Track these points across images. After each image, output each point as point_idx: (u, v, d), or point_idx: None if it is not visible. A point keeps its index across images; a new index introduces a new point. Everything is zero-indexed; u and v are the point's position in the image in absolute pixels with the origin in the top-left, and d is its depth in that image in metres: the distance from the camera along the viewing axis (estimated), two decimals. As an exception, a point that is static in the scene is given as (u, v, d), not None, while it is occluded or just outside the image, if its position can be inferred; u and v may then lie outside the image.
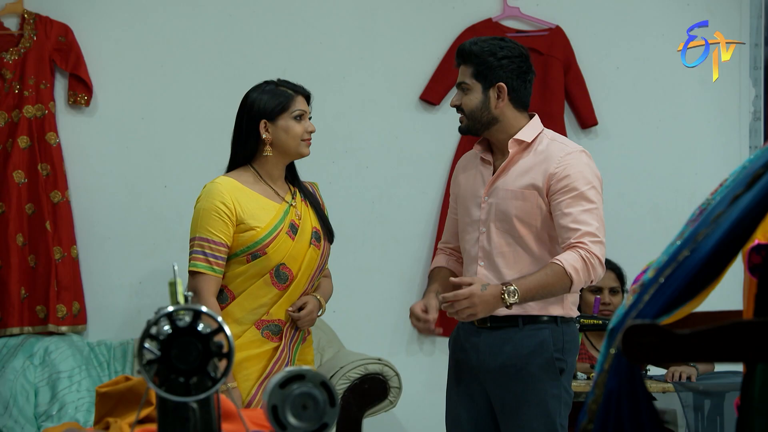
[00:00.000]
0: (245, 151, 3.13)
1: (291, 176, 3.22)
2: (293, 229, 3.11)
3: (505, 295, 2.77)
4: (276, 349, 3.09)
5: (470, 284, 2.79)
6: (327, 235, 3.20)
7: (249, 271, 3.08)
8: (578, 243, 2.85)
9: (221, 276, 3.06)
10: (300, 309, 3.11)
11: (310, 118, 3.15)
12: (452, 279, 2.84)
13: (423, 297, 3.08)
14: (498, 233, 2.99)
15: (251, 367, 3.06)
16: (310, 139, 3.13)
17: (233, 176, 3.12)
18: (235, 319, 3.06)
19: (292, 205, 3.14)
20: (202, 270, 3.03)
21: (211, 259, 3.04)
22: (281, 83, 3.15)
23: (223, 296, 3.10)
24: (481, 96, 2.98)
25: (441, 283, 3.09)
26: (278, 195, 3.14)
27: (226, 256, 3.06)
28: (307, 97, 3.16)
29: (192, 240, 3.08)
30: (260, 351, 3.08)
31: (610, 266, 4.27)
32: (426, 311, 2.95)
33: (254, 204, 3.08)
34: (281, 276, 3.09)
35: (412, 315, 2.97)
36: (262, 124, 3.09)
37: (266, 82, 3.16)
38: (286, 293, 3.10)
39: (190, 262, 3.06)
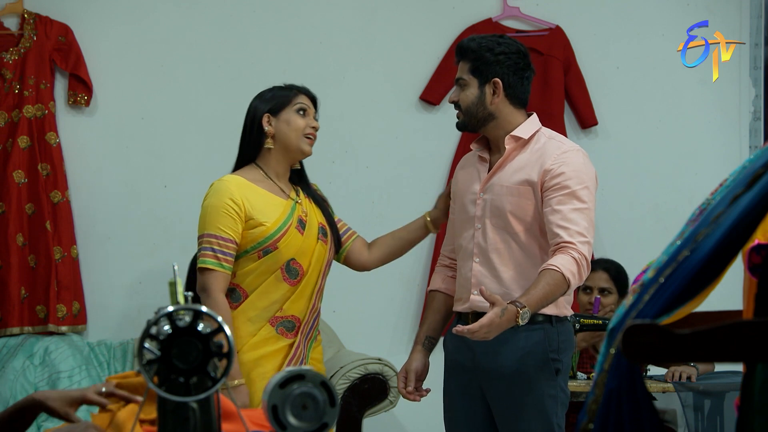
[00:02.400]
0: (250, 147, 3.15)
1: (298, 178, 3.23)
2: (301, 224, 3.13)
3: (519, 318, 2.76)
4: (291, 345, 3.08)
5: (493, 303, 2.75)
6: (332, 229, 3.21)
7: (260, 268, 3.07)
8: (569, 244, 2.84)
9: (230, 273, 3.06)
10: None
11: (316, 120, 3.18)
12: (483, 292, 2.81)
13: (412, 350, 3.13)
14: (493, 229, 2.99)
15: (267, 365, 3.04)
16: (314, 136, 3.15)
17: (240, 174, 3.14)
18: (249, 318, 3.06)
19: (297, 201, 3.16)
20: (210, 266, 3.03)
21: (219, 255, 3.04)
22: (288, 85, 3.20)
23: (236, 295, 3.09)
24: (477, 91, 2.98)
25: (434, 317, 3.15)
26: (284, 192, 3.15)
27: (235, 253, 3.06)
28: (313, 99, 3.20)
29: (200, 237, 3.07)
30: (275, 348, 3.06)
31: (606, 266, 4.25)
32: (407, 378, 3.08)
33: (262, 200, 3.10)
34: (292, 271, 3.09)
35: (399, 379, 3.12)
36: (265, 118, 3.12)
37: (274, 87, 3.21)
38: (297, 289, 3.10)
39: (199, 259, 3.06)
